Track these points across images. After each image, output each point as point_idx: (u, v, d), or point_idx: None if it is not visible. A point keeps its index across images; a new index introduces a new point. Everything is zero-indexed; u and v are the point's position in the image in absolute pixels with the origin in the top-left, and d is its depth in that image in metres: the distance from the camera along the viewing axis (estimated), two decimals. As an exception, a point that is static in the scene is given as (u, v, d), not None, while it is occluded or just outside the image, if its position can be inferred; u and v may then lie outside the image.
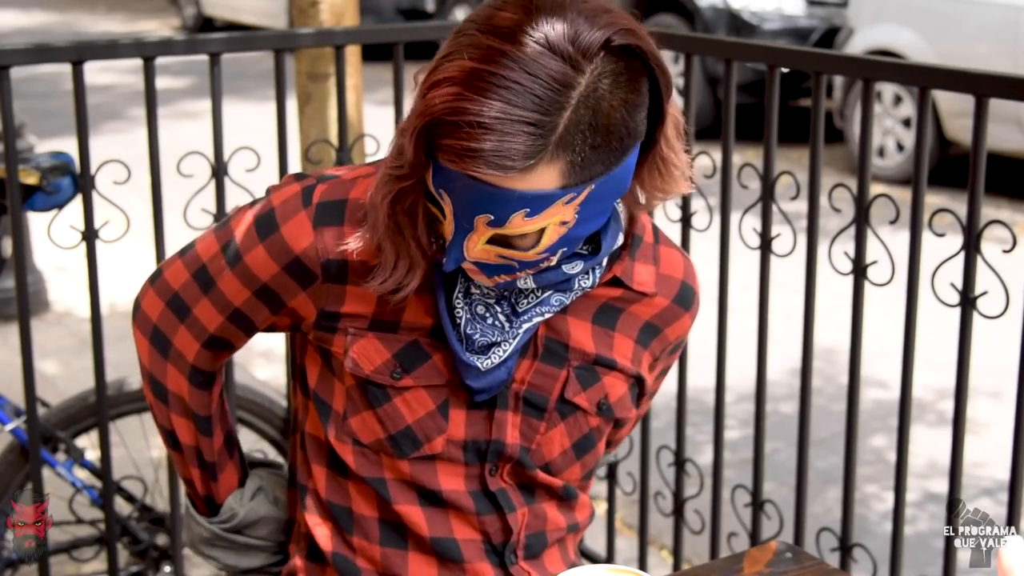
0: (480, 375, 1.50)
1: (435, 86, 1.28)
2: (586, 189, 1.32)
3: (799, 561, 1.60)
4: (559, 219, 1.33)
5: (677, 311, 1.61)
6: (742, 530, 2.70)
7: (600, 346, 1.55)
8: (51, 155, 2.70)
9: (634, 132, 1.33)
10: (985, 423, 4.16)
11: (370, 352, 1.52)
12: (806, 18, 8.51)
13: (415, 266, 1.43)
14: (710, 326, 2.65)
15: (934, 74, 2.23)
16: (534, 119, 1.25)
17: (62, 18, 15.12)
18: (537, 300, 1.48)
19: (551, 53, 1.26)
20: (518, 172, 1.27)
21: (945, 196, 6.64)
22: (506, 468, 1.57)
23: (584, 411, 1.56)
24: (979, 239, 2.10)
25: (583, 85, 1.27)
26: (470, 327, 1.47)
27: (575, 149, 1.28)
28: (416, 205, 1.40)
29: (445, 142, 1.27)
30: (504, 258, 1.38)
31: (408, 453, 1.54)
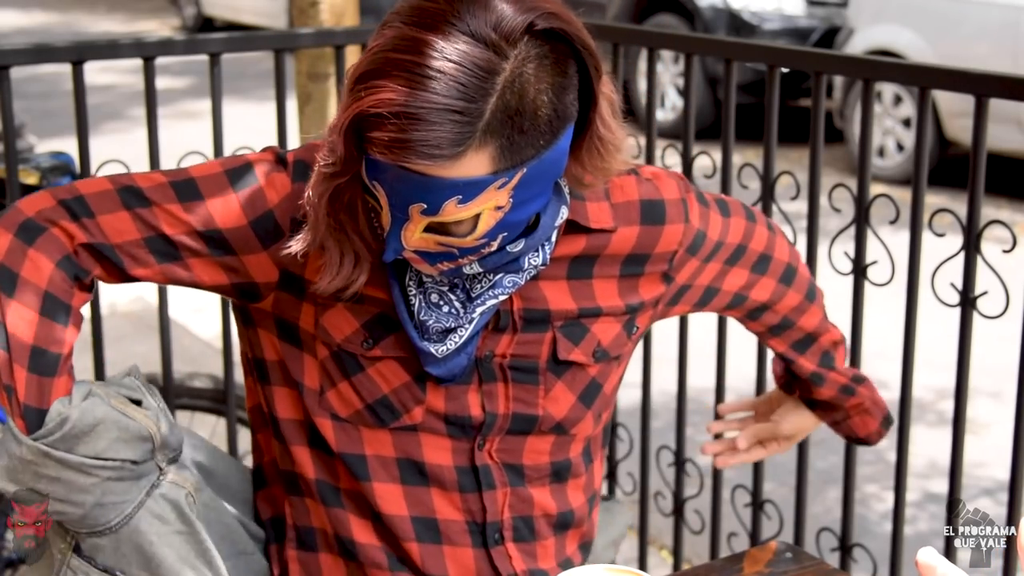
0: (438, 362, 1.50)
1: (360, 80, 1.29)
2: (518, 173, 1.33)
3: (799, 561, 1.60)
4: (493, 204, 1.34)
5: (652, 232, 1.58)
6: (742, 530, 2.70)
7: (581, 299, 1.56)
8: (51, 155, 2.70)
9: (563, 114, 1.34)
10: (985, 423, 4.16)
11: (339, 321, 1.51)
12: (806, 18, 8.51)
13: (361, 261, 1.44)
14: (710, 326, 2.65)
15: (934, 74, 2.23)
16: (460, 107, 1.26)
17: (62, 18, 15.12)
18: (490, 284, 1.48)
19: (474, 41, 1.27)
20: (447, 160, 1.28)
21: (945, 196, 6.64)
22: (495, 442, 1.57)
23: (580, 364, 1.57)
24: (979, 239, 2.10)
25: (507, 71, 1.28)
26: (424, 314, 1.48)
27: (503, 134, 1.29)
28: (355, 200, 1.41)
29: (373, 135, 1.28)
30: (443, 245, 1.38)
31: (388, 422, 1.54)
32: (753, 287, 1.74)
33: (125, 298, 5.35)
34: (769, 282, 1.76)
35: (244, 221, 1.49)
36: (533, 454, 1.60)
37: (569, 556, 1.69)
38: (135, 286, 5.40)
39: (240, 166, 1.52)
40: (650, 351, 2.75)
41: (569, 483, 1.65)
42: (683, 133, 2.58)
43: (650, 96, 2.64)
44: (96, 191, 1.49)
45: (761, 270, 1.73)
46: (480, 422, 1.55)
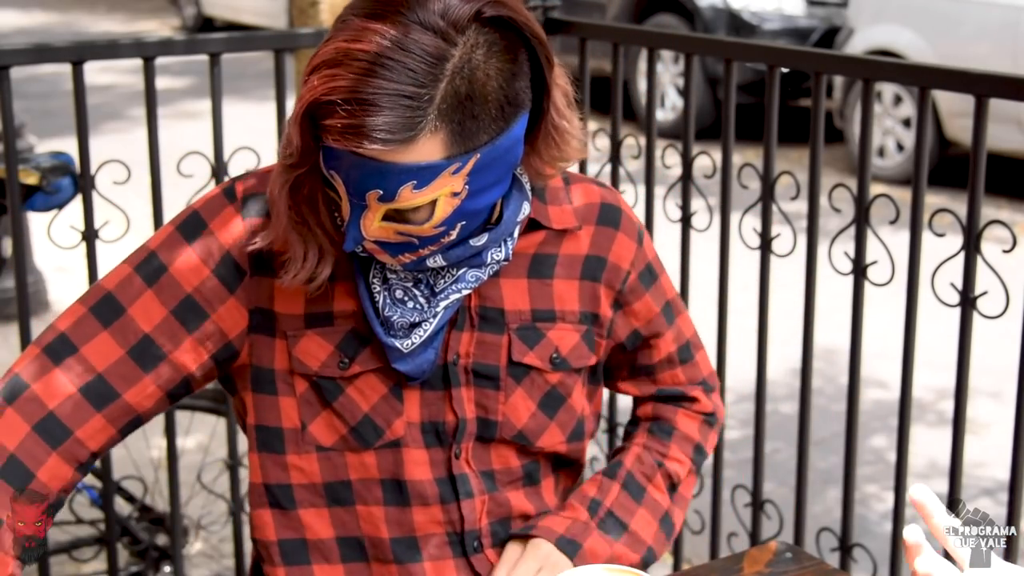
0: (404, 357, 1.51)
1: (315, 71, 1.32)
2: (471, 158, 1.35)
3: (799, 561, 1.60)
4: (448, 190, 1.36)
5: (608, 232, 1.60)
6: (742, 530, 2.70)
7: (538, 300, 1.56)
8: (51, 155, 2.70)
9: (515, 101, 1.37)
10: (985, 423, 4.16)
11: (313, 348, 1.53)
12: (806, 18, 8.50)
13: (325, 254, 1.46)
14: (710, 326, 2.65)
15: (934, 74, 2.23)
16: (411, 92, 1.29)
17: (62, 18, 15.12)
18: (453, 278, 1.50)
19: (423, 28, 1.31)
20: (400, 145, 1.30)
21: (945, 196, 6.64)
22: (468, 449, 1.57)
23: (538, 369, 1.57)
24: (979, 239, 2.11)
25: (456, 57, 1.31)
26: (389, 310, 1.49)
27: (454, 119, 1.32)
28: (315, 192, 1.43)
29: (327, 122, 1.30)
30: (403, 235, 1.40)
31: (372, 442, 1.55)
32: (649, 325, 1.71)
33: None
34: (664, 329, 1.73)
35: (207, 272, 1.51)
36: (501, 460, 1.60)
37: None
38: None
39: (189, 217, 1.54)
40: (650, 351, 2.74)
41: (543, 484, 1.65)
42: (683, 133, 2.58)
43: (650, 96, 2.64)
44: (73, 321, 1.51)
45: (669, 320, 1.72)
46: (454, 428, 1.56)
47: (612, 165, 2.78)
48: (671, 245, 2.74)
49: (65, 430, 1.48)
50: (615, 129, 2.76)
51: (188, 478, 3.03)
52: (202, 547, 3.29)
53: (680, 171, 2.61)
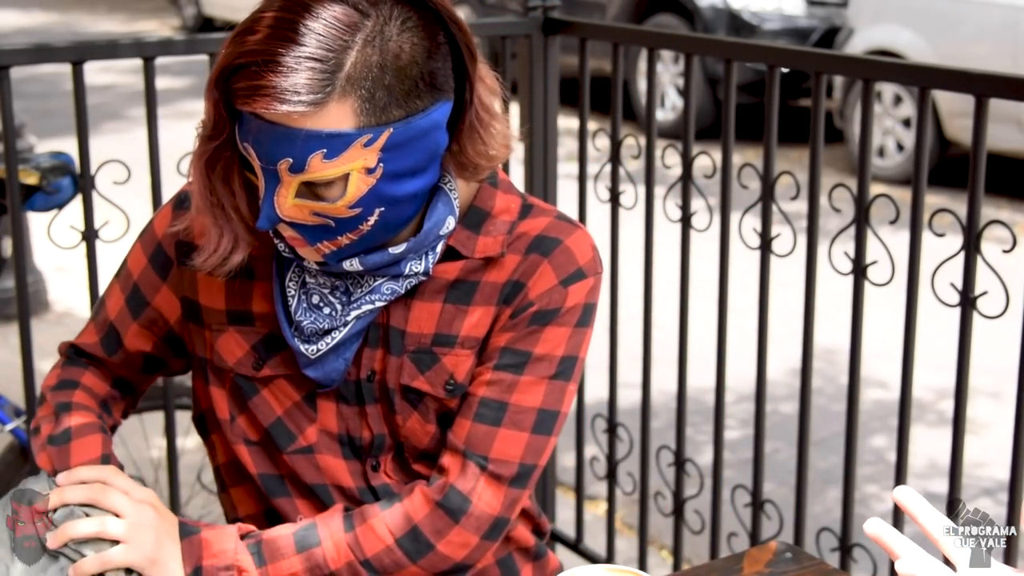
0: (313, 363, 1.51)
1: (231, 39, 1.34)
2: (384, 132, 1.34)
3: (799, 561, 1.60)
4: (361, 163, 1.35)
5: (533, 260, 1.50)
6: (742, 530, 2.70)
7: (444, 325, 1.51)
8: (51, 155, 2.71)
9: (433, 81, 1.36)
10: (985, 423, 4.16)
11: (231, 345, 1.56)
12: (806, 18, 8.50)
13: (240, 241, 1.46)
14: (710, 326, 2.65)
15: (934, 74, 2.23)
16: (319, 55, 1.30)
17: (62, 18, 15.12)
18: (369, 288, 1.48)
19: (339, 1, 1.33)
20: (307, 107, 1.30)
21: (945, 196, 6.64)
22: (388, 461, 1.57)
23: (432, 396, 1.52)
24: (979, 239, 2.10)
25: (368, 28, 1.32)
26: (301, 314, 1.49)
27: (364, 87, 1.32)
28: (230, 171, 1.43)
29: (237, 86, 1.32)
30: (318, 215, 1.38)
31: (285, 447, 1.56)
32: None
33: (125, 298, 5.35)
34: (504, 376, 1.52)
35: (144, 261, 1.61)
36: (425, 473, 1.58)
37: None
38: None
39: (148, 221, 1.65)
40: (650, 351, 2.75)
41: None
42: (683, 133, 2.58)
43: (650, 96, 2.64)
44: (84, 332, 1.71)
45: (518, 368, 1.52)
46: (370, 443, 1.55)
47: (612, 165, 2.78)
48: (671, 245, 2.75)
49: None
50: (615, 129, 2.76)
51: (188, 478, 3.03)
52: (202, 547, 3.29)
53: (680, 171, 2.61)
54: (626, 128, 2.80)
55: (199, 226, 1.49)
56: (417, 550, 1.48)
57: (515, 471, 1.50)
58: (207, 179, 1.43)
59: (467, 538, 1.49)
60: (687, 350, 2.69)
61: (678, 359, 2.71)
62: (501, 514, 1.51)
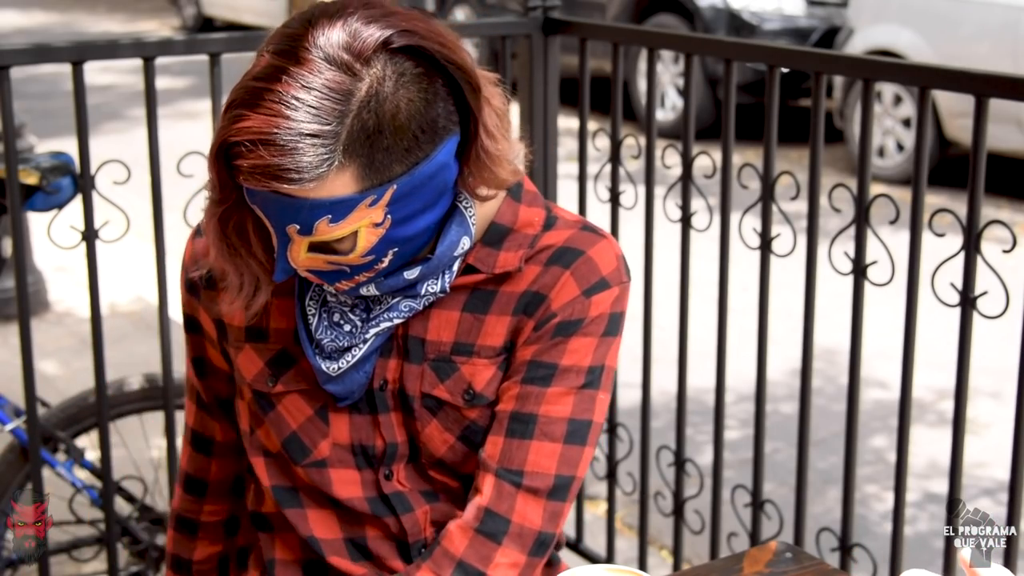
0: (332, 380, 1.51)
1: (227, 110, 1.32)
2: (388, 190, 1.33)
3: (799, 561, 1.60)
4: (368, 221, 1.35)
5: (554, 271, 1.50)
6: (742, 530, 2.70)
7: (463, 334, 1.51)
8: (51, 155, 2.70)
9: (433, 129, 1.34)
10: (985, 423, 4.16)
11: (248, 363, 1.58)
12: (806, 18, 8.51)
13: (261, 284, 1.47)
14: (710, 326, 2.65)
15: (934, 74, 2.23)
16: (315, 130, 1.28)
17: (62, 18, 15.12)
18: (387, 306, 1.48)
19: (327, 64, 1.29)
20: (309, 183, 1.29)
21: (945, 196, 6.64)
22: (400, 470, 1.57)
23: (451, 404, 1.53)
24: (979, 239, 2.10)
25: (362, 91, 1.29)
26: (321, 332, 1.50)
27: (363, 153, 1.30)
28: (244, 224, 1.43)
29: (238, 163, 1.30)
30: (332, 264, 1.39)
31: (299, 460, 1.57)
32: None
33: (125, 298, 5.35)
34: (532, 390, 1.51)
35: (185, 291, 1.65)
36: (440, 481, 1.58)
37: None
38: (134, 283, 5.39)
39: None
40: (650, 351, 2.75)
41: None
42: (683, 133, 2.58)
43: (650, 96, 2.64)
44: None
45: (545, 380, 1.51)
46: (383, 451, 1.56)
47: (612, 165, 2.78)
48: (671, 245, 2.75)
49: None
50: (615, 129, 2.76)
51: (188, 478, 3.03)
52: (202, 547, 3.29)
53: (680, 171, 2.61)
54: (626, 128, 2.80)
55: (218, 271, 1.51)
56: None
57: (551, 483, 1.49)
58: (222, 234, 1.44)
59: (515, 557, 1.48)
60: (687, 350, 2.69)
61: (678, 359, 2.71)
62: (543, 528, 1.49)
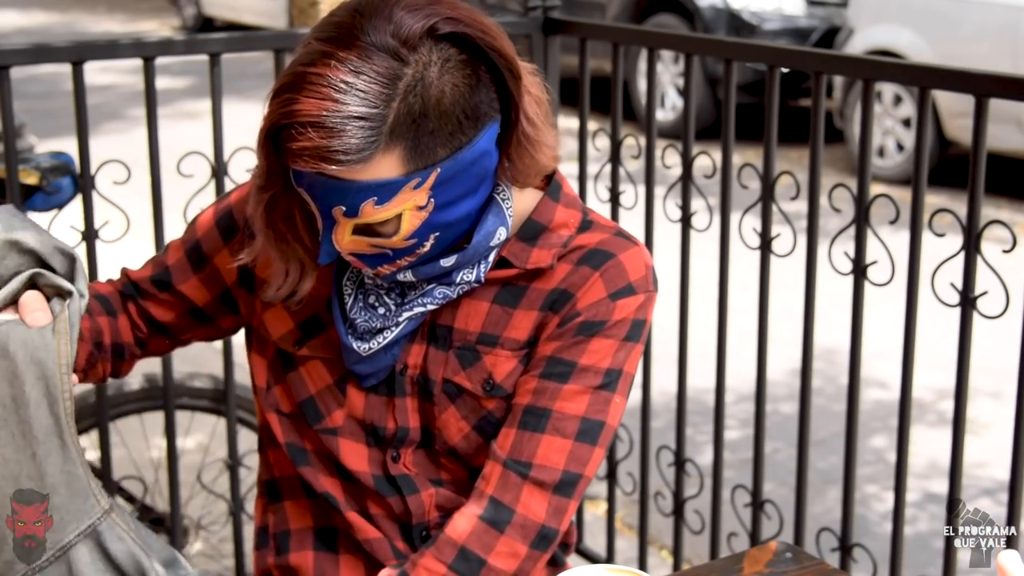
0: (361, 360, 1.54)
1: (275, 95, 1.35)
2: (432, 173, 1.37)
3: (799, 561, 1.60)
4: (412, 204, 1.38)
5: (584, 272, 1.52)
6: (742, 530, 2.70)
7: (490, 325, 1.54)
8: (51, 155, 2.71)
9: (476, 114, 1.38)
10: (985, 423, 4.16)
11: (277, 320, 1.60)
12: (806, 18, 8.51)
13: (307, 268, 1.51)
14: (710, 326, 2.65)
15: (934, 74, 2.23)
16: (363, 113, 1.32)
17: (62, 18, 15.12)
18: (422, 292, 1.52)
19: (376, 49, 1.33)
20: (356, 164, 1.33)
21: (945, 196, 6.64)
22: (408, 454, 1.59)
23: (470, 392, 1.55)
24: (979, 239, 2.10)
25: (408, 76, 1.33)
26: (356, 312, 1.53)
27: (409, 136, 1.34)
28: (291, 209, 1.47)
29: (287, 146, 1.34)
30: (376, 247, 1.43)
31: (313, 424, 1.60)
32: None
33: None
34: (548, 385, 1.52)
35: (212, 222, 1.66)
36: (448, 470, 1.60)
37: None
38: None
39: (228, 191, 1.70)
40: (650, 351, 2.75)
41: None
42: (683, 133, 2.58)
43: (650, 96, 2.64)
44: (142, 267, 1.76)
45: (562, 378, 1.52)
46: (392, 434, 1.58)
47: (612, 165, 2.78)
48: (671, 245, 2.75)
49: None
50: (615, 129, 2.76)
51: (188, 478, 3.03)
52: (202, 547, 3.29)
53: (680, 171, 2.61)
54: (626, 128, 2.80)
55: (264, 259, 1.53)
56: (470, 569, 1.49)
57: (558, 478, 1.50)
58: (268, 219, 1.47)
59: (515, 547, 1.50)
60: (687, 350, 2.69)
61: (678, 359, 2.71)
62: (546, 522, 1.50)
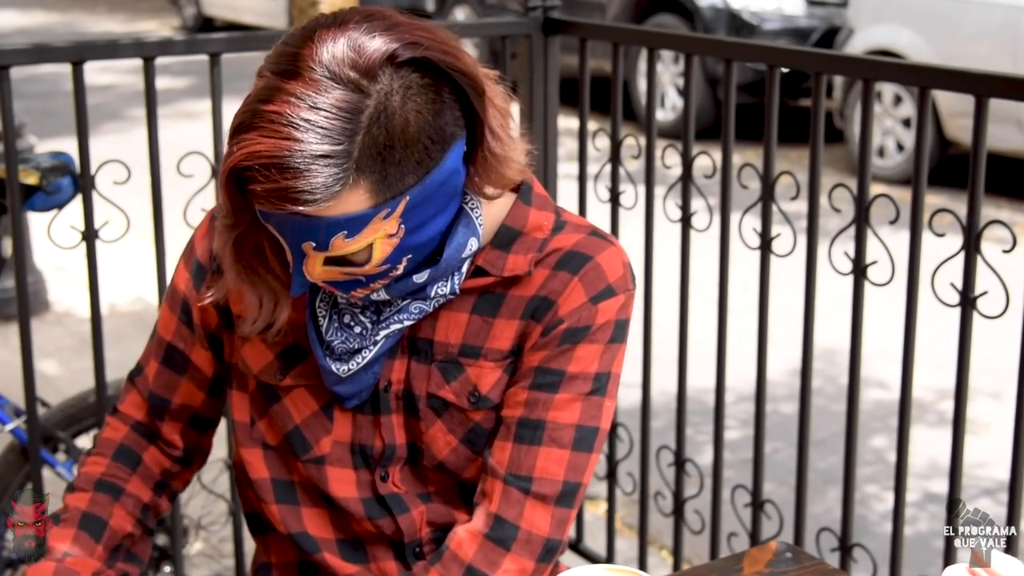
0: (341, 381, 1.52)
1: (234, 133, 1.30)
2: (401, 201, 1.33)
3: (799, 561, 1.60)
4: (383, 233, 1.35)
5: (562, 277, 1.49)
6: (742, 530, 2.70)
7: (470, 336, 1.52)
8: (51, 155, 2.70)
9: (442, 137, 1.34)
10: (985, 423, 4.16)
11: (256, 353, 1.57)
12: (806, 18, 8.51)
13: (280, 299, 1.48)
14: (710, 326, 2.65)
15: (934, 74, 2.23)
16: (327, 151, 1.27)
17: (62, 18, 15.12)
18: (397, 308, 1.49)
19: (333, 82, 1.27)
20: (324, 202, 1.29)
21: (945, 196, 6.64)
22: (396, 472, 1.57)
23: (456, 406, 1.53)
24: (979, 239, 2.10)
25: (371, 107, 1.28)
26: (332, 334, 1.50)
27: (375, 169, 1.30)
28: (260, 243, 1.44)
29: (250, 187, 1.30)
30: (348, 274, 1.40)
31: (301, 455, 1.57)
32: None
33: (125, 298, 5.35)
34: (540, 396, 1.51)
35: (186, 272, 1.62)
36: (436, 483, 1.59)
37: None
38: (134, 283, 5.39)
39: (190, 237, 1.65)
40: (650, 351, 2.75)
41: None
42: (683, 133, 2.58)
43: (650, 96, 2.64)
44: (143, 355, 1.70)
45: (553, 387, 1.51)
46: (380, 452, 1.56)
47: (612, 165, 2.78)
48: (671, 245, 2.75)
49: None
50: (615, 129, 2.76)
51: (188, 478, 3.03)
52: (202, 547, 3.29)
53: (680, 171, 2.61)
54: (626, 128, 2.80)
55: (236, 294, 1.51)
56: None
57: (559, 490, 1.49)
58: (237, 255, 1.44)
59: (523, 564, 1.48)
60: (687, 350, 2.69)
61: (678, 359, 2.71)
62: (551, 535, 1.49)
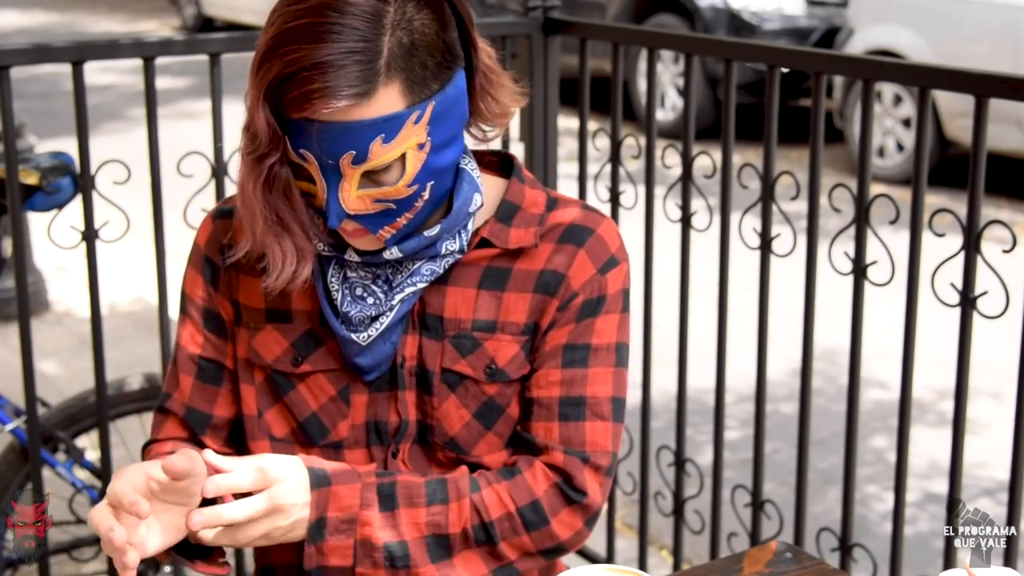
0: (362, 351, 1.55)
1: (264, 58, 1.39)
2: (428, 105, 1.43)
3: (799, 561, 1.60)
4: (414, 141, 1.43)
5: (568, 250, 1.57)
6: (742, 530, 2.70)
7: (482, 311, 1.57)
8: (51, 155, 2.71)
9: (452, 52, 1.45)
10: (985, 423, 4.16)
11: (269, 342, 1.60)
12: (806, 18, 8.50)
13: (305, 254, 1.51)
14: (710, 326, 2.65)
15: (934, 74, 2.23)
16: (359, 48, 1.38)
17: (62, 18, 15.12)
18: (409, 272, 1.55)
19: None
20: (361, 99, 1.38)
21: (945, 196, 6.64)
22: (405, 450, 1.59)
23: (472, 379, 1.57)
24: (979, 239, 2.11)
25: (391, 13, 1.41)
26: (347, 306, 1.55)
27: (405, 67, 1.40)
28: (289, 185, 1.47)
29: (289, 96, 1.38)
30: (380, 201, 1.45)
31: (317, 441, 1.60)
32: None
33: (125, 298, 5.35)
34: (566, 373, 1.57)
35: (199, 277, 1.65)
36: (441, 465, 1.61)
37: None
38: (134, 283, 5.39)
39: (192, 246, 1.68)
40: (650, 351, 2.75)
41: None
42: (683, 133, 2.58)
43: (650, 96, 2.64)
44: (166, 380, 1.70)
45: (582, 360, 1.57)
46: (396, 428, 1.59)
47: (612, 165, 2.78)
48: (671, 245, 2.75)
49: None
50: (615, 129, 2.76)
51: (188, 478, 3.02)
52: (202, 547, 3.29)
53: (680, 171, 2.61)
54: (626, 128, 2.80)
55: (258, 246, 1.51)
56: (534, 522, 1.54)
57: (609, 460, 1.58)
58: (266, 198, 1.46)
59: (575, 521, 1.56)
60: (687, 350, 2.69)
61: (678, 359, 2.71)
62: (601, 503, 1.58)
